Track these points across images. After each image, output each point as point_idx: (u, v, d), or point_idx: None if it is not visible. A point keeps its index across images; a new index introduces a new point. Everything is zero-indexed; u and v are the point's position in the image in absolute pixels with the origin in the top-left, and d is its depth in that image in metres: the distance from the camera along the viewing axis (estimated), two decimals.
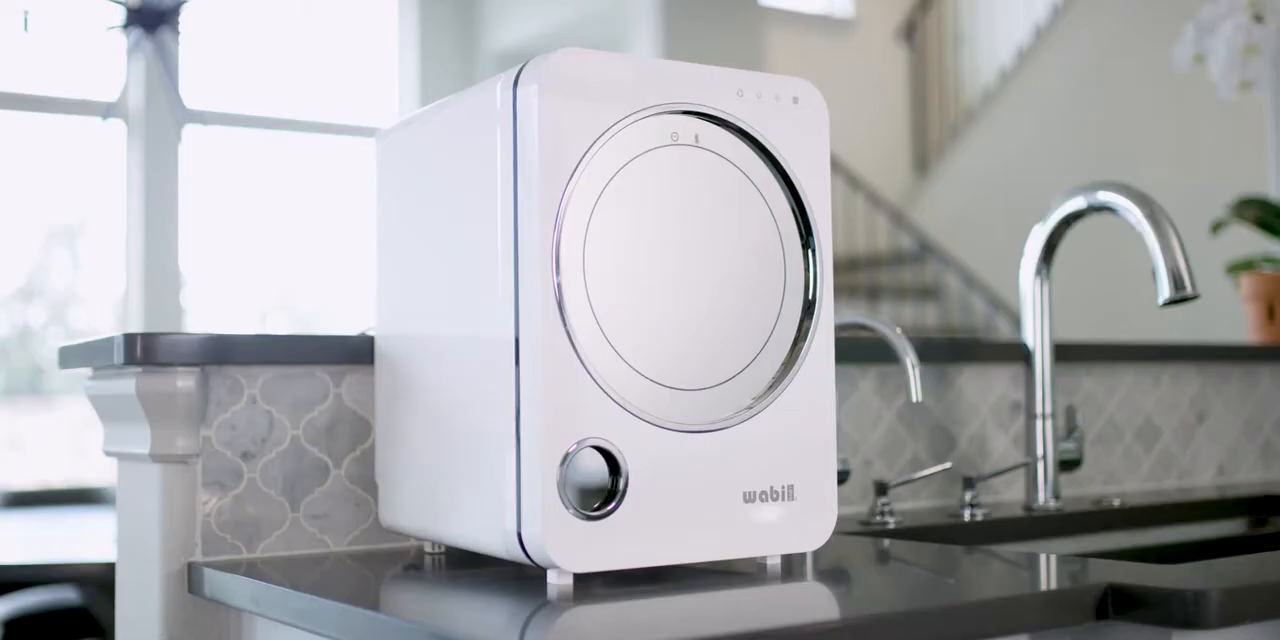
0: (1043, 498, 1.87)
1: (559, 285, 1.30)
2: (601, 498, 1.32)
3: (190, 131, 4.87)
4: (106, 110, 4.58)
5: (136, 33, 4.27)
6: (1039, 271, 1.86)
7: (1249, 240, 3.09)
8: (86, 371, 1.74)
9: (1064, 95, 7.76)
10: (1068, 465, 1.90)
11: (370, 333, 1.67)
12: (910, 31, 9.27)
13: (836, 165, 7.28)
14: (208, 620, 1.57)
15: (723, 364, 1.37)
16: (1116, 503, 1.94)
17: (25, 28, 4.19)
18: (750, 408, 1.39)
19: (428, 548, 1.62)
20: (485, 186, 1.36)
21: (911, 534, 1.74)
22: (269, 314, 5.50)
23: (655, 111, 1.34)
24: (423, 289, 1.53)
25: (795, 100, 1.41)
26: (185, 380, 1.56)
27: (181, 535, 1.57)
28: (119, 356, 1.54)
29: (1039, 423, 1.86)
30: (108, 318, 5.12)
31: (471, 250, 1.39)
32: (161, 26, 4.24)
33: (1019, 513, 1.85)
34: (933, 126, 9.05)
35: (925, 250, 7.81)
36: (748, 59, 5.03)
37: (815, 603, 1.37)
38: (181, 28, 4.31)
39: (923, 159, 9.03)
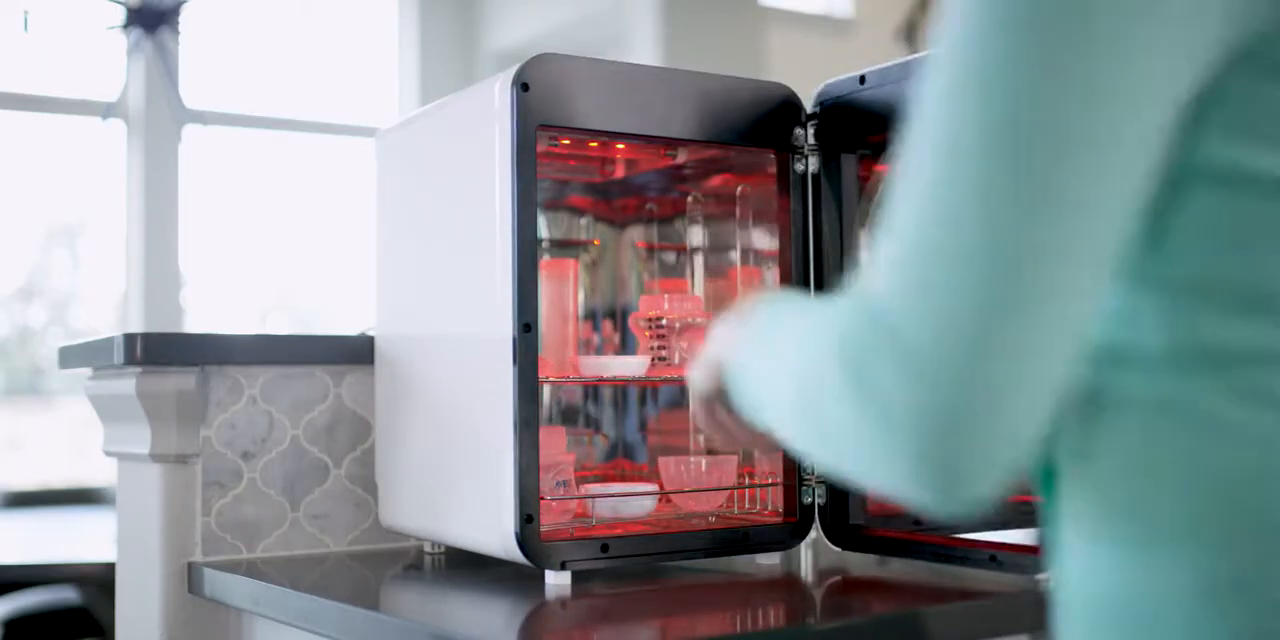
0: None
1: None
2: None
3: (190, 131, 4.87)
4: (106, 110, 4.58)
5: (136, 33, 4.26)
6: None
7: None
8: (86, 371, 1.74)
9: None
10: None
11: (370, 333, 1.67)
12: (910, 31, 9.27)
13: None
14: (208, 620, 1.57)
15: None
16: None
17: (25, 28, 4.18)
18: None
19: (428, 548, 1.62)
20: (484, 186, 1.36)
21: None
22: (269, 314, 5.50)
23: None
24: (423, 289, 1.53)
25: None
26: (185, 380, 1.56)
27: (181, 535, 1.57)
28: (119, 356, 1.54)
29: None
30: (108, 318, 5.11)
31: (471, 250, 1.39)
32: (161, 26, 4.24)
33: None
34: None
35: None
36: (748, 59, 5.02)
37: (814, 603, 1.37)
38: (181, 28, 4.31)
39: None
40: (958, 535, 1.36)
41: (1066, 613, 0.71)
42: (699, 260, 1.74)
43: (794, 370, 0.71)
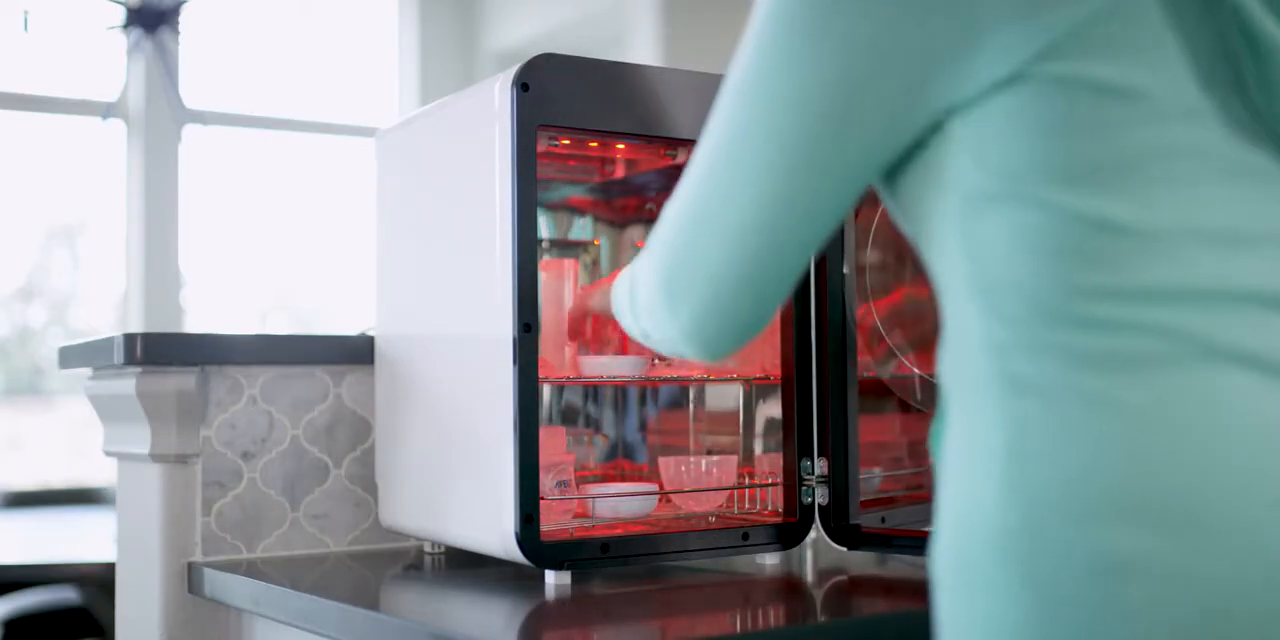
0: None
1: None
2: None
3: (190, 131, 4.87)
4: (106, 110, 4.58)
5: (136, 33, 4.26)
6: None
7: None
8: (86, 371, 1.74)
9: None
10: None
11: (370, 333, 1.67)
12: None
13: None
14: (208, 620, 1.57)
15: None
16: None
17: (25, 28, 4.18)
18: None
19: (428, 548, 1.62)
20: (484, 185, 1.36)
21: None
22: (269, 314, 5.50)
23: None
24: (423, 289, 1.53)
25: None
26: (185, 380, 1.56)
27: (181, 535, 1.57)
28: (119, 356, 1.55)
29: None
30: (108, 318, 5.11)
31: (471, 250, 1.39)
32: (161, 26, 4.24)
33: None
34: None
35: None
36: None
37: (814, 603, 1.37)
38: (181, 28, 4.31)
39: None
40: None
41: (932, 573, 0.87)
42: None
43: (631, 287, 1.07)
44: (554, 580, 1.33)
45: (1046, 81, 0.81)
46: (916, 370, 1.59)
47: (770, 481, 1.52)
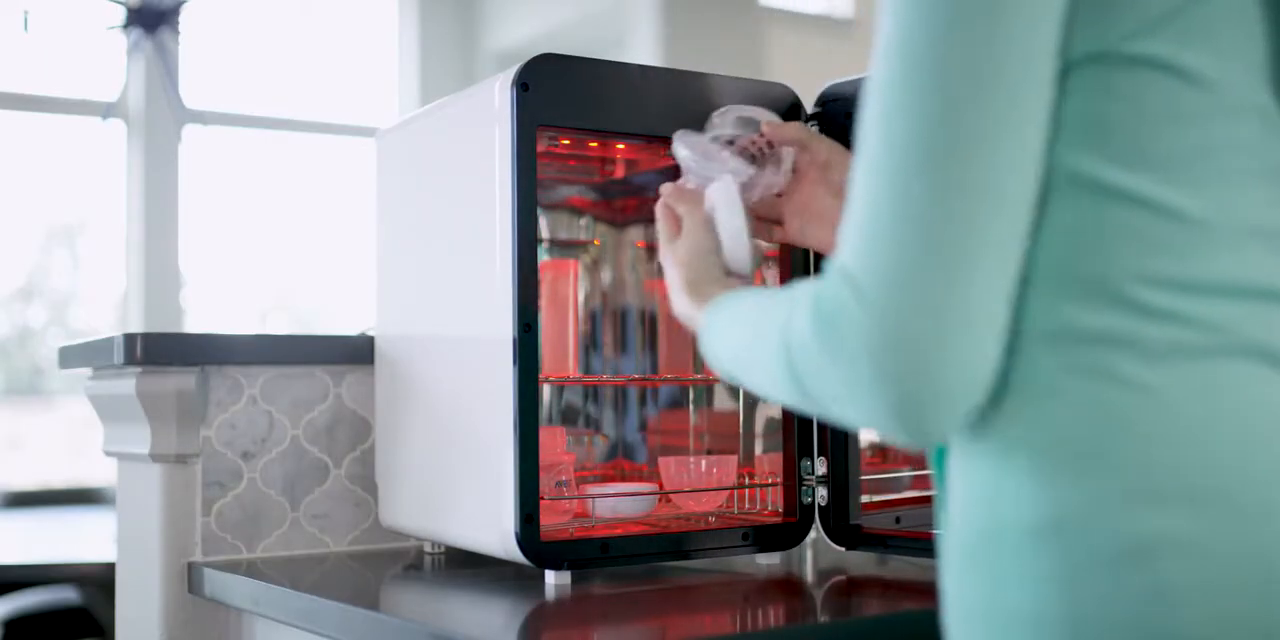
0: None
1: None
2: None
3: (190, 131, 4.86)
4: (106, 110, 4.58)
5: (136, 33, 4.26)
6: None
7: None
8: (86, 371, 1.74)
9: None
10: None
11: (370, 333, 1.67)
12: None
13: None
14: (208, 620, 1.57)
15: None
16: None
17: (25, 28, 4.18)
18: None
19: (428, 548, 1.62)
20: (484, 186, 1.36)
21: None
22: (269, 314, 5.50)
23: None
24: (423, 289, 1.53)
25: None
26: (185, 380, 1.56)
27: (181, 535, 1.57)
28: (119, 356, 1.55)
29: None
30: (108, 318, 5.11)
31: (471, 250, 1.39)
32: (161, 26, 4.24)
33: None
34: None
35: None
36: (748, 59, 5.02)
37: (814, 603, 1.37)
38: (181, 28, 4.31)
39: None
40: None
41: (943, 556, 0.85)
42: None
43: (767, 333, 0.87)
44: (554, 580, 1.33)
45: (1128, 62, 0.80)
46: None
47: (770, 481, 1.52)
